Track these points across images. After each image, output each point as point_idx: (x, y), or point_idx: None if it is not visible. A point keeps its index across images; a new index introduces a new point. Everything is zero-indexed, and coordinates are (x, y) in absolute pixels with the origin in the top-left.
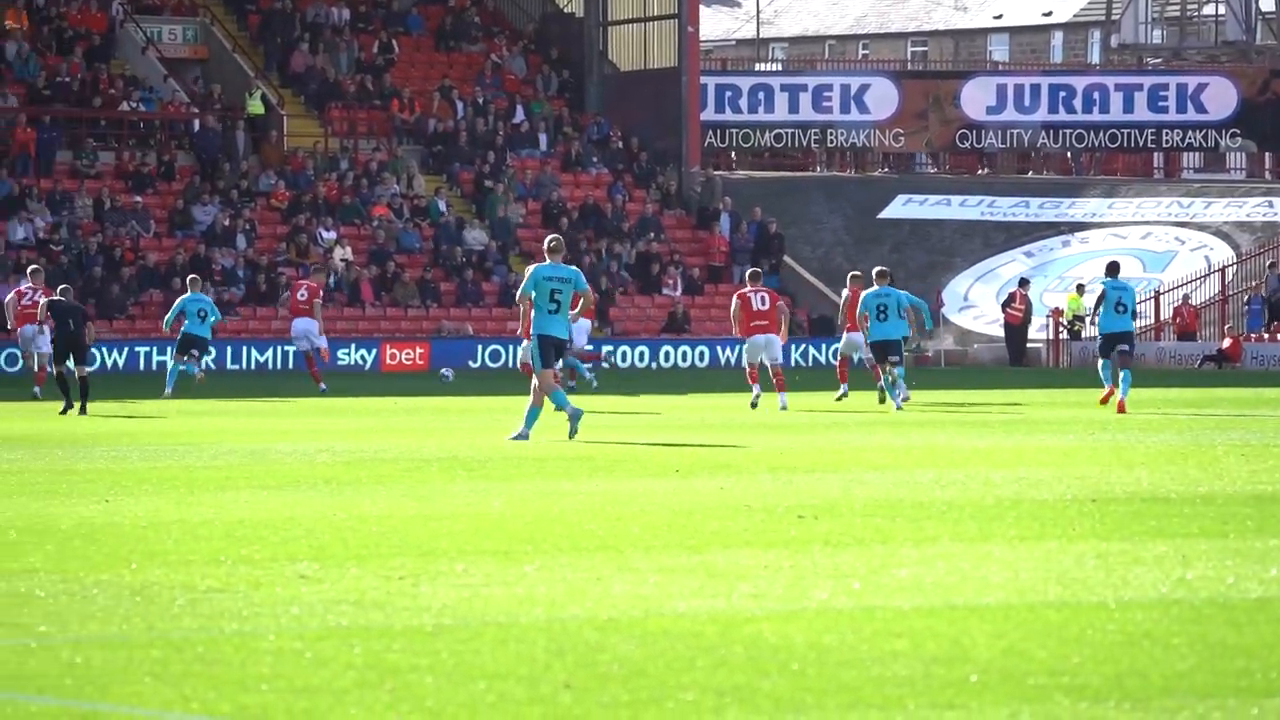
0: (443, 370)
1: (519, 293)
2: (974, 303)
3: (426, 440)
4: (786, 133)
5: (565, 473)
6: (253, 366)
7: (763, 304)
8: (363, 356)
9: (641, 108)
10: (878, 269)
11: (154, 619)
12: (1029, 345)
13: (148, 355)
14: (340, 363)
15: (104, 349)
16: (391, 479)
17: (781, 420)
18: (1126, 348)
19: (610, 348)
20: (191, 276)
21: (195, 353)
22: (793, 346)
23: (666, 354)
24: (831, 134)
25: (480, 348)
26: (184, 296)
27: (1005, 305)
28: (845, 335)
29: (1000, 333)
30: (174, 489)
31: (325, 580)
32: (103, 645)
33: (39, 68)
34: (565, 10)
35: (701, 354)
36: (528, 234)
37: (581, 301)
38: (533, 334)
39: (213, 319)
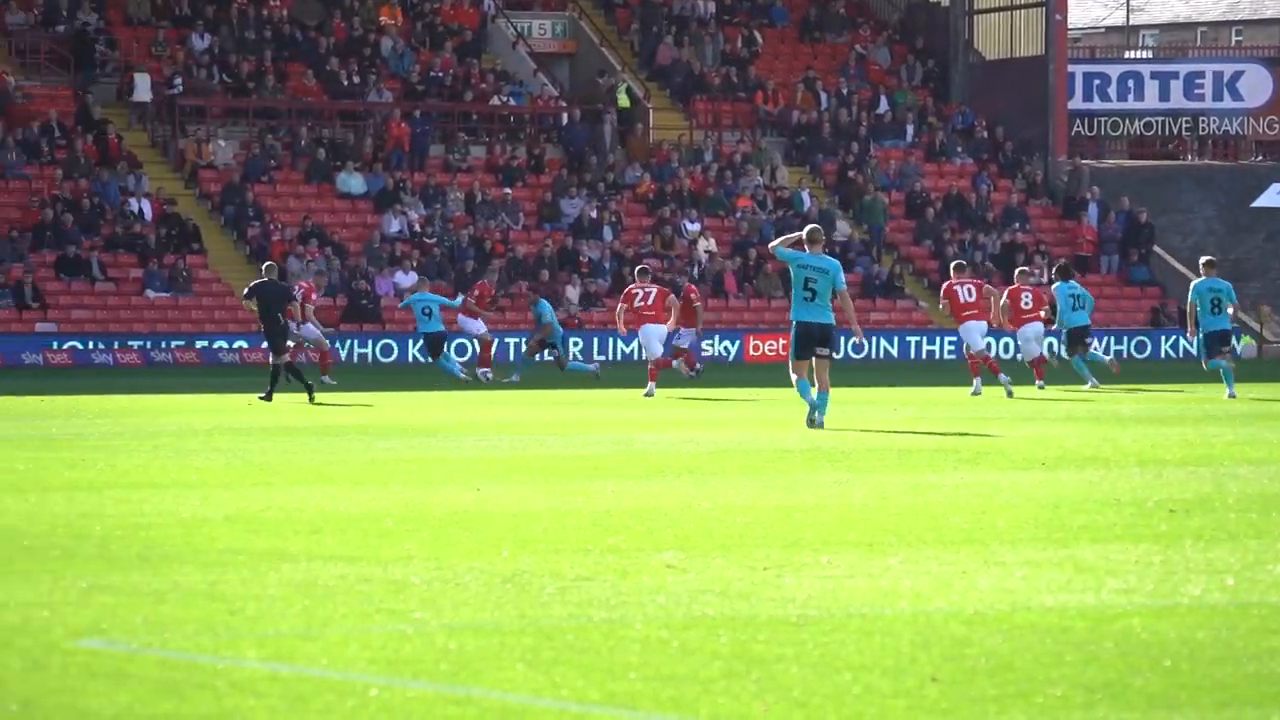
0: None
1: (775, 247)
2: None
3: (789, 432)
4: (1156, 121)
5: (929, 465)
6: (618, 358)
7: (969, 295)
8: (726, 348)
9: (1007, 97)
10: (1206, 259)
11: (525, 606)
12: None
13: (516, 346)
14: (704, 353)
15: (472, 341)
16: (755, 470)
17: (1149, 413)
18: None
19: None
20: (420, 277)
21: (446, 349)
22: (1161, 337)
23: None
24: (1203, 122)
25: (842, 339)
26: (412, 295)
27: None
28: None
29: None
30: (543, 478)
31: (690, 570)
32: (476, 631)
33: (413, 63)
34: (930, 0)
35: None
36: (891, 225)
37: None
38: (791, 320)
39: (437, 315)
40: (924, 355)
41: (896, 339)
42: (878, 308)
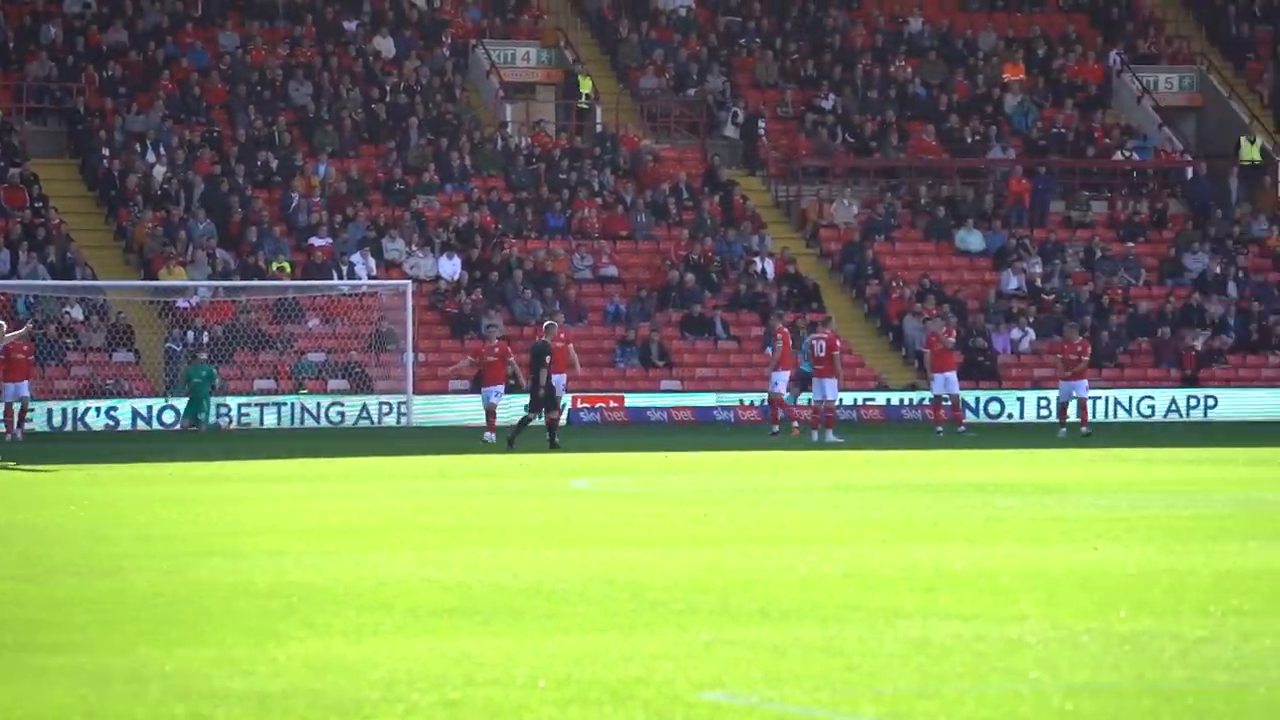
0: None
1: None
2: None
3: None
4: None
5: None
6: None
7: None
8: None
9: None
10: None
11: (1144, 668)
12: None
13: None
14: None
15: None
16: None
17: None
18: None
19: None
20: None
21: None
22: None
23: None
24: None
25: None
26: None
27: None
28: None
29: None
30: (1162, 537)
31: None
32: (1093, 694)
33: (1036, 119)
34: None
35: None
36: None
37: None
38: None
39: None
40: None
41: None
42: None
